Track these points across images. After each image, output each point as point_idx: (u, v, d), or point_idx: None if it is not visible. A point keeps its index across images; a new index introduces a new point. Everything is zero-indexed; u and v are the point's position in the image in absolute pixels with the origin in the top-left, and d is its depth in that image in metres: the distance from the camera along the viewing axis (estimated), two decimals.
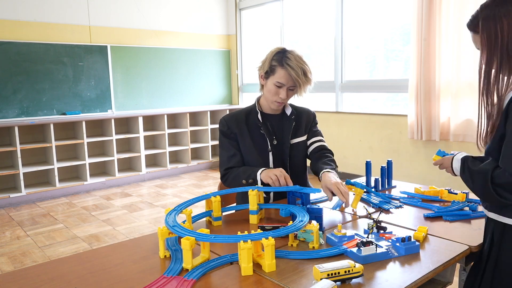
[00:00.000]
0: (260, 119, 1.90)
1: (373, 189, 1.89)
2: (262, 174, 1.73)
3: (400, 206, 1.68)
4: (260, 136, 1.90)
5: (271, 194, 1.90)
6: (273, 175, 1.68)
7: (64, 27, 5.07)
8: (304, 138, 1.96)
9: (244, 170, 1.82)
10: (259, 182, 1.74)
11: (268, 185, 1.70)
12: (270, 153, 1.89)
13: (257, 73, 1.94)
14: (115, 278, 1.11)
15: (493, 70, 1.18)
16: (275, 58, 1.81)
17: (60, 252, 3.27)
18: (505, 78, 1.18)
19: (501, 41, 1.14)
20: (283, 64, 1.78)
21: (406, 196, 1.82)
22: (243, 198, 1.90)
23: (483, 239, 1.32)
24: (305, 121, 1.98)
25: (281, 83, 1.80)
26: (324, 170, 1.73)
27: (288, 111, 1.95)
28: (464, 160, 1.30)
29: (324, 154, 1.93)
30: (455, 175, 1.38)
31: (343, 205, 1.69)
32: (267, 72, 1.84)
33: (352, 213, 1.63)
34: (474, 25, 1.23)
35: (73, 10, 5.13)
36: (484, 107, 1.21)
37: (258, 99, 1.99)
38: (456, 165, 1.34)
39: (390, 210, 1.65)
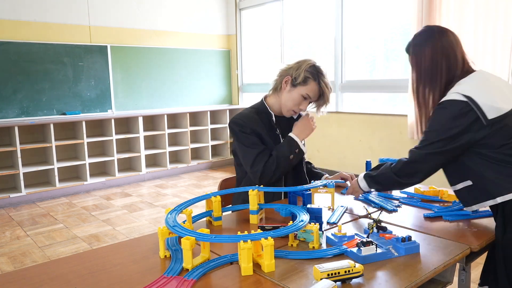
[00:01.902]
0: (274, 121, 1.91)
1: None
2: (300, 133, 1.83)
3: (399, 206, 1.68)
4: (274, 137, 1.90)
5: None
6: (313, 123, 1.85)
7: (64, 27, 5.07)
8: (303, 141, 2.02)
9: (278, 150, 1.82)
10: (301, 145, 1.84)
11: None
12: None
13: (278, 75, 1.91)
14: (115, 278, 1.11)
15: (420, 86, 1.51)
16: (309, 70, 1.82)
17: (60, 252, 3.27)
18: (431, 92, 1.49)
19: (423, 63, 1.48)
20: (318, 79, 1.82)
21: (405, 196, 1.82)
22: (241, 199, 1.88)
23: (495, 228, 1.39)
24: None
25: (310, 96, 1.84)
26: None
27: (295, 115, 1.99)
28: (366, 176, 1.61)
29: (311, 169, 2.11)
30: (365, 193, 1.68)
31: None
32: (297, 81, 1.82)
33: (352, 213, 1.63)
34: (408, 49, 1.56)
35: (73, 10, 5.13)
36: (419, 115, 1.54)
37: (265, 99, 1.97)
38: (362, 184, 1.62)
39: (390, 210, 1.65)
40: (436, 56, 1.45)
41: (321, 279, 1.01)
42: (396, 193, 1.88)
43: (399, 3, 4.57)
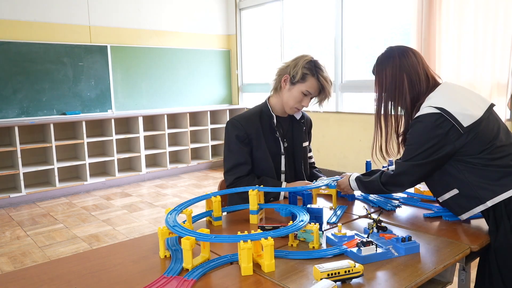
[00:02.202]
0: (275, 123, 1.90)
1: None
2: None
3: (399, 206, 1.68)
4: (273, 139, 1.90)
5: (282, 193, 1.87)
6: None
7: (64, 27, 5.07)
8: (307, 142, 2.05)
9: (263, 180, 1.81)
10: (281, 197, 1.81)
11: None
12: (283, 156, 1.91)
13: (276, 75, 1.90)
14: (115, 278, 1.11)
15: (382, 106, 1.57)
16: (307, 66, 1.81)
17: (60, 252, 3.27)
18: (392, 109, 1.57)
19: (385, 83, 1.54)
20: (316, 74, 1.81)
21: (405, 196, 1.82)
22: (238, 199, 1.86)
23: (489, 230, 1.39)
24: (308, 126, 2.07)
25: (310, 92, 1.83)
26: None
27: (298, 115, 1.98)
28: (357, 179, 1.66)
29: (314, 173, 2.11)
30: (353, 191, 1.72)
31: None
32: (296, 78, 1.82)
33: (352, 213, 1.63)
34: (373, 70, 1.64)
35: (73, 10, 5.13)
36: (379, 128, 1.61)
37: (268, 100, 1.96)
38: (353, 184, 1.67)
39: (390, 210, 1.65)
40: (396, 75, 1.52)
41: (321, 279, 1.01)
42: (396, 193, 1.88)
43: (399, 3, 4.57)
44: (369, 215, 1.47)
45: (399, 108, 1.56)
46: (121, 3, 5.51)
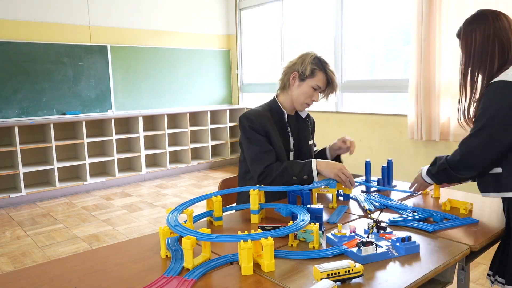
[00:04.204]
0: (286, 119, 1.95)
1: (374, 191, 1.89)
2: (323, 167, 1.73)
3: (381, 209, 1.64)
4: (284, 135, 1.94)
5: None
6: (342, 175, 1.70)
7: (64, 27, 5.07)
8: (313, 140, 2.10)
9: (291, 165, 1.78)
10: (315, 177, 1.75)
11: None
12: (291, 153, 1.96)
13: (283, 74, 1.94)
14: (115, 278, 1.11)
15: (469, 70, 1.50)
16: (314, 62, 1.87)
17: (60, 252, 3.27)
18: (479, 75, 1.49)
19: (474, 47, 1.47)
20: (324, 68, 1.87)
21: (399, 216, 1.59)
22: (245, 198, 1.87)
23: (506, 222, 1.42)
24: (312, 125, 2.13)
25: (320, 86, 1.89)
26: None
27: (304, 114, 2.03)
28: (429, 172, 1.59)
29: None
30: (429, 184, 1.65)
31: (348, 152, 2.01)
32: (305, 75, 1.87)
33: (352, 213, 1.63)
34: (458, 33, 1.56)
35: (73, 10, 5.13)
36: (464, 96, 1.52)
37: (277, 97, 2.00)
38: (428, 179, 1.61)
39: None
40: (489, 39, 1.44)
41: (321, 279, 1.01)
42: (395, 195, 1.87)
43: (399, 3, 4.57)
44: (369, 215, 1.47)
45: (484, 74, 1.47)
46: (121, 3, 5.51)
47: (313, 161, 1.77)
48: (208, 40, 6.48)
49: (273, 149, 1.84)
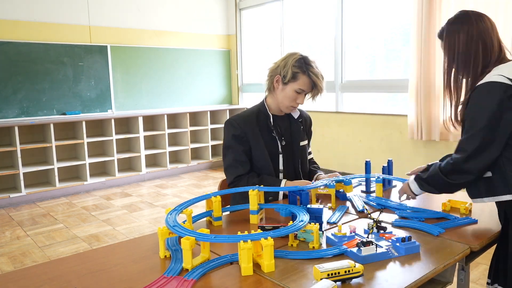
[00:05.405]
0: (272, 123, 1.92)
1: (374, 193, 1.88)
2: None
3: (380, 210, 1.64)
4: (270, 138, 1.91)
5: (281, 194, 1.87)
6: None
7: (64, 27, 5.07)
8: (306, 141, 2.05)
9: (261, 181, 1.80)
10: (280, 197, 1.80)
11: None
12: (280, 156, 1.92)
13: (268, 76, 1.91)
14: (115, 278, 1.11)
15: (453, 71, 1.48)
16: (296, 65, 1.81)
17: (60, 252, 3.27)
18: (464, 76, 1.46)
19: (457, 49, 1.44)
20: (307, 72, 1.81)
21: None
22: (240, 199, 1.87)
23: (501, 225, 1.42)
24: (307, 125, 2.08)
25: (303, 90, 1.84)
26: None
27: (296, 114, 2.00)
28: (417, 178, 1.52)
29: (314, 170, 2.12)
30: (416, 196, 1.57)
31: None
32: (287, 78, 1.83)
33: (353, 213, 1.63)
34: (441, 34, 1.52)
35: (73, 10, 5.13)
36: (449, 98, 1.51)
37: (265, 99, 1.98)
38: (413, 186, 1.53)
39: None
40: (472, 41, 1.41)
41: (321, 279, 1.01)
42: (395, 197, 1.87)
43: (399, 3, 4.57)
44: (369, 215, 1.47)
45: (467, 75, 1.44)
46: (121, 3, 5.51)
47: (283, 182, 1.82)
48: (208, 40, 6.48)
49: (247, 160, 1.85)
